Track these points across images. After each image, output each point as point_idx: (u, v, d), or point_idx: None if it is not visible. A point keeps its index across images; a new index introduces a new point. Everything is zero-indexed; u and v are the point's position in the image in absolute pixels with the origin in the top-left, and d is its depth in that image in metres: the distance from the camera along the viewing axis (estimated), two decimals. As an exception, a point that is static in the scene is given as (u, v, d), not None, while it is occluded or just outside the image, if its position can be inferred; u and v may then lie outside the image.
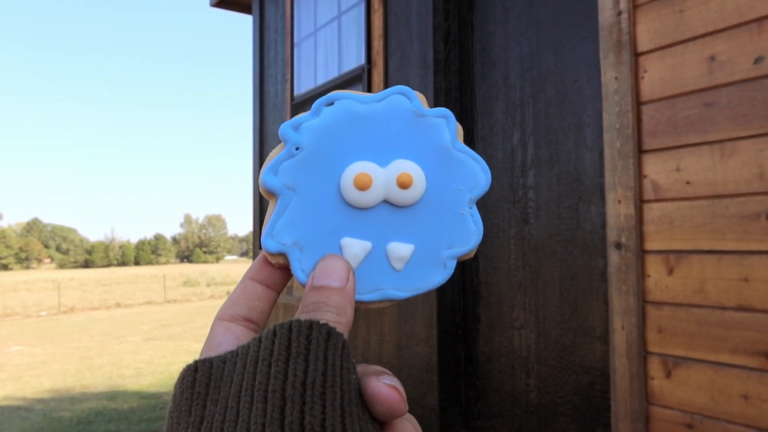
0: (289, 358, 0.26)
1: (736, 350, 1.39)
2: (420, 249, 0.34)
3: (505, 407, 2.23)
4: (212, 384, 0.28)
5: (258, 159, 4.17)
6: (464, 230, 0.35)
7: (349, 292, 0.31)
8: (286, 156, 0.33)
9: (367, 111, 0.34)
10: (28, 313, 15.88)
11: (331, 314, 0.30)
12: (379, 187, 0.33)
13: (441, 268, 0.35)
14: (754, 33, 1.38)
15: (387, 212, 0.34)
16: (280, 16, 3.94)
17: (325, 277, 0.31)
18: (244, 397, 0.26)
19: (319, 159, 0.33)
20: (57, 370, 7.25)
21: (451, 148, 0.35)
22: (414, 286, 0.34)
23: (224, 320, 0.33)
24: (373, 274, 0.34)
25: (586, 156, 1.95)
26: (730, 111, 1.42)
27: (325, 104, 0.34)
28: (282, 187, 0.33)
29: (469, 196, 0.35)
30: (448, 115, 0.35)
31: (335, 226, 0.33)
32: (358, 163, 0.34)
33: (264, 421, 0.24)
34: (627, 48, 1.62)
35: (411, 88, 0.35)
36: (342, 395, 0.26)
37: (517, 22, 2.25)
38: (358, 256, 0.33)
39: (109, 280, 34.68)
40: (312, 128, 0.33)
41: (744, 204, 1.39)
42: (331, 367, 0.26)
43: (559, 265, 2.03)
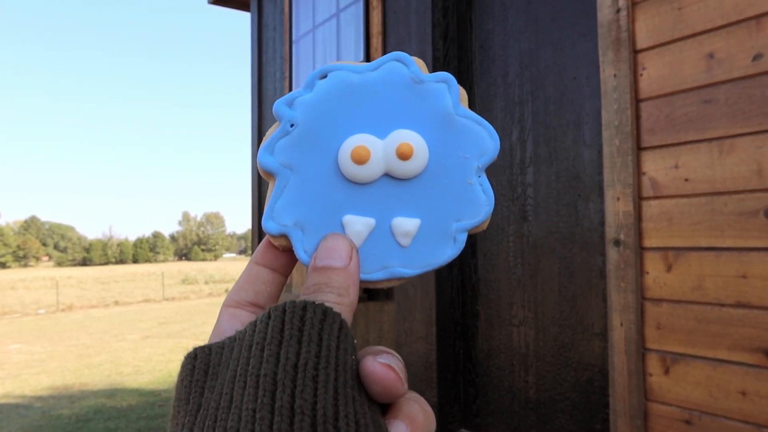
0: (282, 341, 0.26)
1: (734, 347, 1.40)
2: (427, 223, 0.33)
3: (504, 404, 2.24)
4: (210, 371, 0.27)
5: (257, 156, 4.16)
6: (473, 200, 0.33)
7: (352, 272, 0.30)
8: (281, 134, 0.32)
9: (362, 81, 0.33)
10: (27, 311, 15.87)
11: (332, 295, 0.29)
12: (378, 160, 0.32)
13: (451, 242, 0.33)
14: (753, 30, 1.38)
15: (389, 186, 0.32)
16: (278, 13, 3.93)
17: (327, 257, 0.30)
18: (238, 383, 0.25)
19: (315, 134, 0.32)
20: (56, 368, 7.25)
21: (453, 113, 0.33)
22: (423, 262, 0.33)
23: (230, 306, 0.32)
24: (379, 252, 0.32)
25: (585, 153, 1.95)
26: (729, 108, 1.42)
27: (319, 77, 0.33)
28: (279, 166, 0.32)
29: (476, 164, 0.33)
30: (449, 79, 0.34)
31: (336, 203, 0.32)
32: (355, 136, 0.32)
33: (255, 406, 0.24)
34: (626, 45, 1.62)
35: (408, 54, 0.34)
36: (336, 377, 0.25)
37: (515, 19, 2.25)
38: (362, 233, 0.32)
39: (108, 278, 34.66)
40: (306, 103, 0.32)
41: (742, 201, 1.39)
42: (326, 348, 0.25)
43: (557, 263, 2.03)
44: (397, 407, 0.28)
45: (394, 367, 0.27)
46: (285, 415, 0.23)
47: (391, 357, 0.28)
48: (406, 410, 0.28)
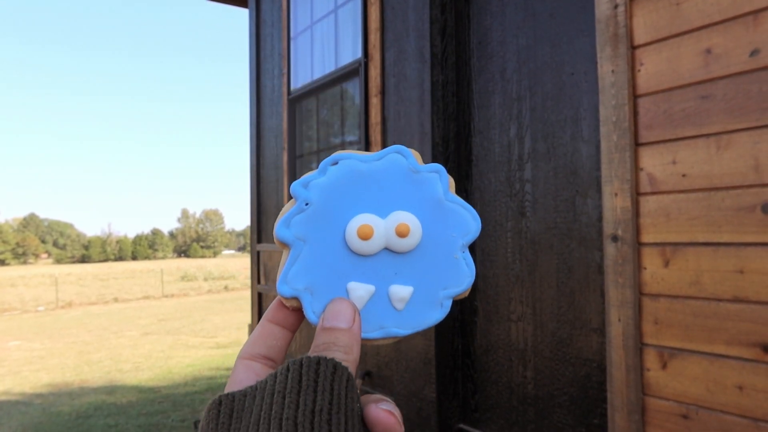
0: (300, 390, 0.30)
1: (731, 341, 1.40)
2: (418, 290, 0.38)
3: (502, 399, 2.25)
4: (234, 415, 0.31)
5: (255, 152, 4.16)
6: (458, 272, 0.39)
7: (356, 332, 0.35)
8: (297, 211, 0.37)
9: (367, 169, 0.39)
10: (26, 308, 15.87)
11: (339, 353, 0.33)
12: (380, 236, 0.37)
13: (438, 307, 0.39)
14: (750, 26, 1.39)
15: (388, 258, 0.38)
16: (276, 9, 3.93)
17: (333, 319, 0.35)
18: (263, 425, 0.29)
19: (326, 213, 0.38)
20: (55, 364, 7.25)
21: (443, 199, 0.39)
22: (414, 324, 0.38)
23: (245, 359, 0.36)
24: (377, 314, 0.37)
25: (583, 149, 1.95)
26: (726, 104, 1.42)
27: (330, 164, 0.38)
28: (294, 238, 0.37)
29: (461, 241, 0.39)
30: (440, 170, 0.40)
31: (342, 271, 0.37)
32: (360, 215, 0.38)
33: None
34: (623, 41, 1.62)
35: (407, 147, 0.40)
36: (346, 421, 0.29)
37: (513, 15, 2.25)
38: (363, 298, 0.37)
39: (107, 275, 34.64)
40: (319, 186, 0.38)
41: (739, 196, 1.40)
42: (337, 396, 0.30)
43: (556, 258, 2.04)
44: None
45: (394, 413, 0.32)
46: None
47: (389, 404, 0.33)
48: None
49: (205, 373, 6.40)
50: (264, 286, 4.05)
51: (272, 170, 3.97)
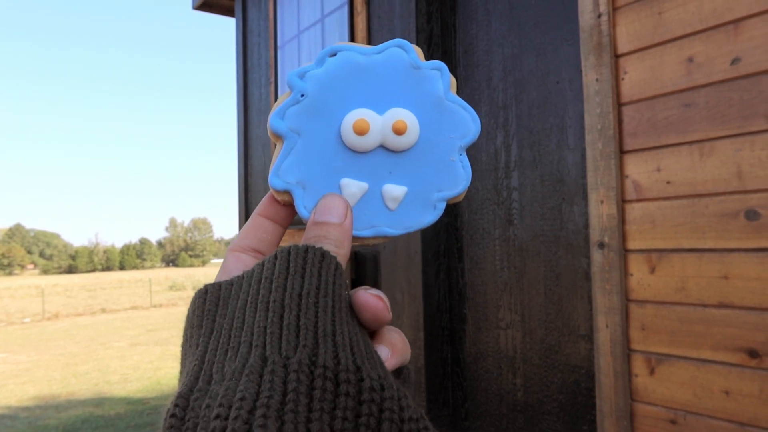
0: (288, 276, 0.30)
1: (717, 346, 1.42)
2: (412, 191, 0.37)
3: (492, 407, 2.25)
4: (221, 302, 0.31)
5: (243, 162, 4.15)
6: (454, 175, 0.38)
7: (347, 227, 0.35)
8: (292, 102, 0.36)
9: (367, 62, 0.37)
10: (12, 320, 15.67)
11: (330, 246, 0.33)
12: (376, 133, 0.36)
13: (431, 209, 0.38)
14: (731, 34, 1.41)
15: (383, 156, 0.37)
16: (263, 19, 3.93)
17: (325, 214, 0.35)
18: (249, 308, 0.29)
19: (322, 105, 0.36)
20: (42, 377, 7.16)
21: (443, 98, 0.38)
22: (406, 225, 0.37)
23: (235, 251, 0.36)
24: (369, 213, 0.37)
25: (569, 157, 1.97)
26: (708, 111, 1.44)
27: (329, 55, 0.37)
28: (288, 130, 0.36)
29: (459, 143, 0.38)
30: (442, 68, 0.38)
31: (335, 167, 0.36)
32: (357, 110, 0.36)
33: (265, 324, 0.28)
34: (607, 50, 1.64)
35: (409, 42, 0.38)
36: (333, 304, 0.29)
37: (498, 24, 2.27)
38: (356, 195, 0.36)
39: (94, 285, 34.31)
40: (316, 77, 0.36)
41: (723, 203, 1.41)
42: (324, 282, 0.30)
43: (543, 266, 2.05)
44: (380, 335, 0.33)
45: (383, 297, 0.32)
46: (292, 330, 0.27)
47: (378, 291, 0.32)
48: (388, 337, 0.33)
49: (194, 383, 6.34)
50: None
51: (260, 179, 3.96)
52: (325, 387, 0.25)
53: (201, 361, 0.28)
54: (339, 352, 0.27)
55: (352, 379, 0.26)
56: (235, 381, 0.25)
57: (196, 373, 0.27)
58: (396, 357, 0.33)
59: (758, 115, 1.35)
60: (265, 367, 0.25)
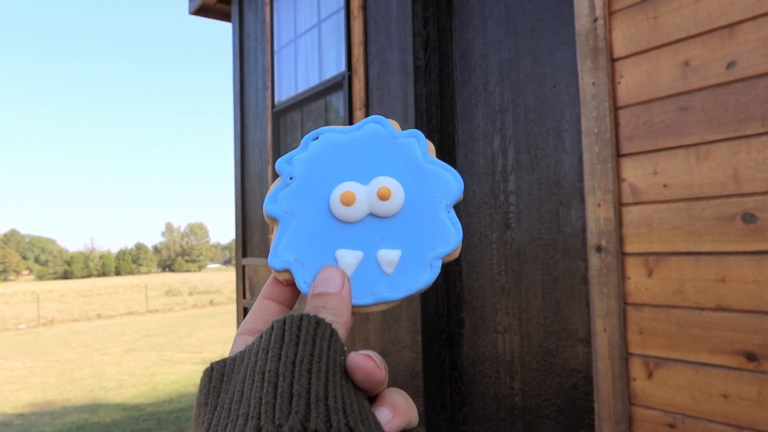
0: (282, 344, 0.30)
1: (715, 350, 1.42)
2: (407, 253, 0.38)
3: (490, 411, 2.24)
4: (225, 378, 0.32)
5: (240, 166, 4.15)
6: (444, 232, 0.39)
7: (345, 296, 0.36)
8: (282, 186, 0.38)
9: (346, 140, 0.39)
10: (7, 327, 15.58)
11: (329, 315, 0.34)
12: (362, 202, 0.38)
13: (428, 269, 0.38)
14: (726, 38, 1.41)
15: (373, 223, 0.38)
16: (259, 23, 3.93)
17: (322, 285, 0.36)
18: (247, 381, 0.30)
19: (310, 185, 0.38)
20: (37, 383, 7.12)
21: (422, 162, 0.40)
22: (405, 287, 0.38)
23: (243, 334, 0.37)
24: (368, 280, 0.38)
25: (566, 160, 1.97)
26: (704, 115, 1.45)
27: (312, 139, 0.39)
28: (281, 212, 0.38)
29: (444, 201, 0.39)
30: (418, 135, 0.40)
31: (329, 240, 0.38)
32: (343, 183, 0.38)
33: (261, 395, 0.28)
34: (603, 54, 1.65)
35: (384, 117, 0.41)
36: (327, 369, 0.30)
37: (495, 28, 2.28)
38: (352, 264, 0.37)
39: (90, 291, 34.18)
40: (302, 160, 0.39)
41: (719, 206, 1.42)
42: (318, 348, 0.30)
43: (541, 269, 2.05)
44: (382, 397, 0.33)
45: (373, 356, 0.32)
46: (285, 398, 0.28)
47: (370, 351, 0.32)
48: (389, 399, 0.33)
49: (191, 389, 6.31)
50: (250, 300, 4.02)
51: (257, 183, 3.95)
52: None
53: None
54: (331, 415, 0.27)
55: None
56: None
57: None
58: (399, 419, 0.33)
59: (754, 118, 1.36)
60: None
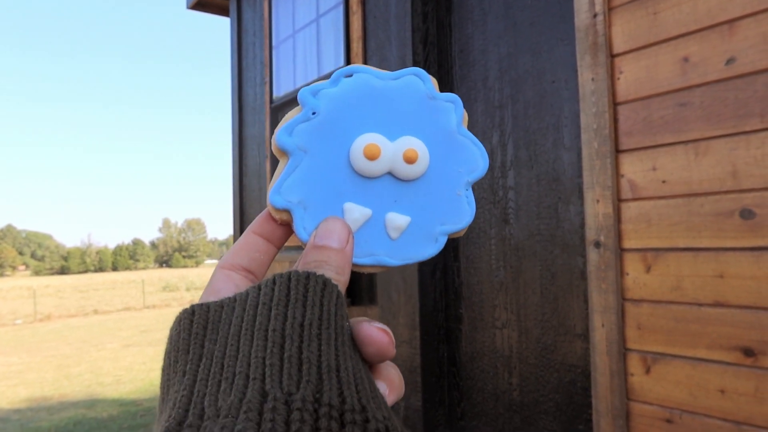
0: (288, 303, 0.28)
1: (713, 345, 1.42)
2: (416, 222, 0.36)
3: (488, 407, 2.25)
4: (210, 326, 0.29)
5: (238, 162, 4.14)
6: (458, 209, 0.37)
7: (348, 254, 0.34)
8: (302, 119, 0.35)
9: (382, 87, 0.36)
10: (3, 322, 15.56)
11: (331, 272, 0.32)
12: (386, 159, 0.35)
13: (432, 242, 0.37)
14: (726, 34, 1.41)
15: (390, 184, 0.36)
16: (257, 18, 3.92)
17: (326, 238, 0.33)
18: (244, 336, 0.27)
19: (333, 126, 0.35)
20: (33, 379, 7.11)
21: (455, 131, 0.38)
22: (406, 256, 0.36)
23: (225, 268, 0.34)
24: (370, 240, 0.36)
25: (565, 156, 1.97)
26: (703, 111, 1.45)
27: (344, 75, 0.36)
28: (295, 147, 0.35)
29: (466, 178, 0.37)
30: (456, 101, 0.38)
31: (340, 190, 0.35)
32: (369, 134, 0.35)
33: (264, 355, 0.26)
34: (603, 49, 1.65)
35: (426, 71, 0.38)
36: (336, 336, 0.28)
37: (494, 24, 2.27)
38: (358, 221, 0.35)
39: (87, 286, 34.14)
40: (330, 96, 0.35)
41: (718, 202, 1.42)
42: (327, 312, 0.29)
43: (539, 265, 2.05)
44: (378, 370, 0.32)
45: (388, 331, 0.31)
46: (294, 363, 0.26)
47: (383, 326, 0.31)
48: (385, 373, 0.32)
49: (188, 384, 6.31)
50: (247, 296, 4.01)
51: (255, 179, 3.94)
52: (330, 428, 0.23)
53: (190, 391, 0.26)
54: (344, 389, 0.26)
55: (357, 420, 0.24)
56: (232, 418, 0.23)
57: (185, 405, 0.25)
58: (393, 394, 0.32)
59: (753, 114, 1.36)
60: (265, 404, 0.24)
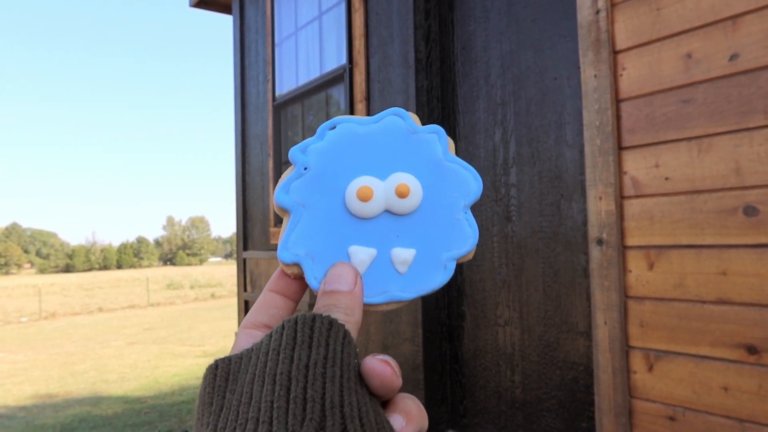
0: (295, 346, 0.29)
1: (716, 343, 1.42)
2: (421, 253, 0.37)
3: (490, 404, 2.24)
4: (231, 377, 0.31)
5: (241, 160, 4.14)
6: (461, 233, 0.38)
7: (357, 295, 0.34)
8: (295, 176, 0.37)
9: (365, 132, 0.38)
10: (9, 320, 15.63)
11: (341, 314, 0.33)
12: (380, 198, 0.36)
13: (442, 270, 0.37)
14: (729, 30, 1.40)
15: (389, 221, 0.37)
16: (260, 16, 3.92)
17: (334, 282, 0.34)
18: (257, 382, 0.29)
19: (325, 177, 0.37)
20: (39, 376, 7.15)
21: (443, 159, 0.38)
22: (418, 288, 0.37)
23: (247, 328, 0.36)
24: (380, 278, 0.37)
25: (567, 153, 1.96)
26: (707, 107, 1.44)
27: (329, 128, 0.38)
28: (293, 204, 0.36)
29: (462, 202, 0.38)
30: (439, 131, 0.39)
31: (343, 235, 0.36)
32: (360, 177, 0.37)
33: (272, 398, 0.27)
34: (605, 46, 1.64)
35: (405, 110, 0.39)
36: (341, 374, 0.29)
37: (497, 20, 2.26)
38: (365, 262, 0.36)
39: (91, 284, 34.26)
40: (317, 150, 0.37)
41: (721, 199, 1.41)
42: (332, 351, 0.29)
43: (541, 262, 2.05)
44: (395, 403, 0.32)
45: (390, 362, 0.31)
46: (299, 403, 0.27)
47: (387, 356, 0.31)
48: (402, 406, 0.32)
49: (192, 382, 6.33)
50: (251, 293, 4.02)
51: (258, 177, 3.95)
52: None
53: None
54: (347, 424, 0.27)
55: None
56: None
57: None
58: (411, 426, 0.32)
59: (756, 110, 1.35)
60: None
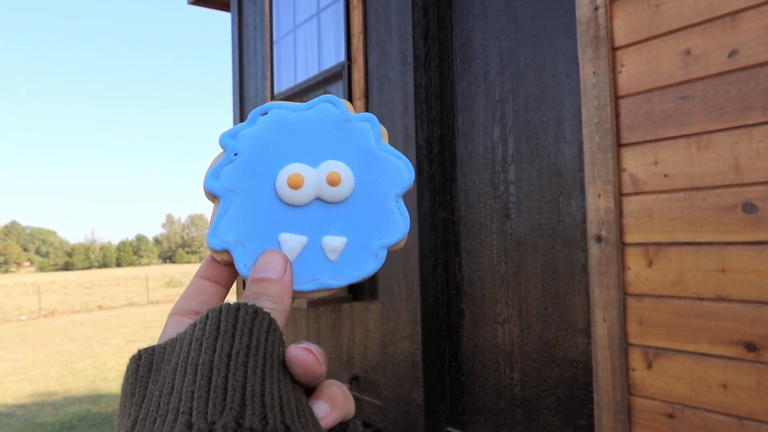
0: (218, 336, 0.29)
1: (715, 340, 1.41)
2: (352, 241, 0.37)
3: (489, 401, 2.24)
4: (154, 367, 0.30)
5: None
6: (392, 222, 0.38)
7: (287, 283, 0.34)
8: (225, 162, 0.36)
9: (297, 118, 0.38)
10: (8, 318, 15.63)
11: (268, 302, 0.33)
12: (310, 186, 0.36)
13: (372, 258, 0.38)
14: (728, 27, 1.40)
15: (320, 208, 0.37)
16: (258, 13, 3.91)
17: (264, 270, 0.34)
18: (179, 372, 0.28)
19: (256, 163, 0.37)
20: (38, 374, 7.15)
21: (375, 148, 0.38)
22: (348, 275, 0.37)
23: (176, 315, 0.35)
24: (311, 266, 0.37)
25: (566, 150, 1.96)
26: (706, 104, 1.44)
27: (260, 114, 0.37)
28: (223, 190, 0.36)
29: (394, 191, 0.38)
30: (372, 119, 0.39)
31: (273, 222, 0.36)
32: (290, 164, 0.37)
33: (193, 389, 0.27)
34: (604, 43, 1.63)
35: (338, 97, 0.39)
36: (264, 363, 0.29)
37: (495, 17, 2.26)
38: (295, 249, 0.36)
39: (91, 282, 34.25)
40: (248, 136, 0.37)
41: (720, 196, 1.41)
42: (256, 340, 0.29)
43: (540, 260, 2.04)
44: (320, 390, 0.33)
45: (313, 350, 0.31)
46: (219, 393, 0.27)
47: (311, 344, 0.31)
48: (327, 392, 0.32)
49: (192, 380, 6.34)
50: (250, 291, 4.02)
51: (256, 175, 3.94)
52: None
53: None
54: (267, 412, 0.27)
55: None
56: None
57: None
58: (336, 412, 0.32)
59: (755, 107, 1.35)
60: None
